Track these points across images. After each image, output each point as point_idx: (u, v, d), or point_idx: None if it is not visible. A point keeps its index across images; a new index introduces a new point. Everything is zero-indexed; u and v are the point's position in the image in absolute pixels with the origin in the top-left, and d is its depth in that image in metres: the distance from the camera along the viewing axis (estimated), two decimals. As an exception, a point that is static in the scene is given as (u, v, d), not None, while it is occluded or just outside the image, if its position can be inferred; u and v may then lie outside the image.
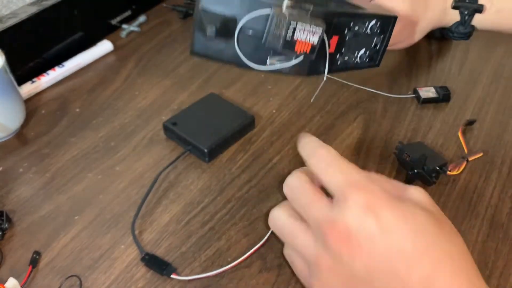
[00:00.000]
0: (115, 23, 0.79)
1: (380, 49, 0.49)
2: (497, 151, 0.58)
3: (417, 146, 0.56)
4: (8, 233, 0.49)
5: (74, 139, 0.59)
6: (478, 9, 0.58)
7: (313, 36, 0.39)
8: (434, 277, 0.30)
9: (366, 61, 0.49)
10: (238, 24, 0.39)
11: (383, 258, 0.31)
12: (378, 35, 0.47)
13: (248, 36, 0.40)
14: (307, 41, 0.39)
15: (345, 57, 0.47)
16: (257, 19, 0.39)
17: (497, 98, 0.66)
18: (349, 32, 0.45)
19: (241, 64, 0.42)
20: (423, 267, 0.30)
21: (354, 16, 0.44)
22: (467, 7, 0.58)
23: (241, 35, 0.40)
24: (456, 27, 0.60)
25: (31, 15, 0.65)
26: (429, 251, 0.31)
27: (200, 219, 0.50)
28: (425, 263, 0.30)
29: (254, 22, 0.39)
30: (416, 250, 0.30)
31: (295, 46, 0.39)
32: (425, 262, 0.30)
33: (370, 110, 0.63)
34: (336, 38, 0.44)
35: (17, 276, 0.45)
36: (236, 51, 0.41)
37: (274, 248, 0.47)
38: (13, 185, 0.54)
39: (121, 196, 0.53)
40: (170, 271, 0.45)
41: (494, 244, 0.48)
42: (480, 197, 0.53)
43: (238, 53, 0.41)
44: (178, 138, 0.58)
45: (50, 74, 0.67)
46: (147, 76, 0.70)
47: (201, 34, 0.40)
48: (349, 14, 0.44)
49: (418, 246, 0.30)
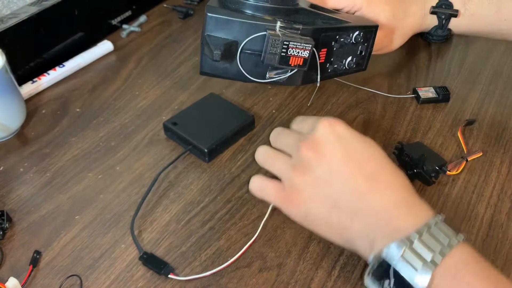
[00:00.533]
0: (115, 23, 0.79)
1: (365, 55, 0.55)
2: (496, 151, 0.58)
3: (417, 146, 0.56)
4: (8, 232, 0.49)
5: (75, 139, 0.60)
6: (454, 14, 0.63)
7: (304, 51, 0.45)
8: (379, 173, 0.41)
9: (354, 67, 0.54)
10: (239, 46, 0.45)
11: (340, 161, 0.41)
12: (362, 43, 0.53)
13: (248, 55, 0.46)
14: (300, 55, 0.45)
15: (334, 65, 0.53)
16: (255, 40, 0.45)
17: (496, 98, 0.66)
18: (335, 44, 0.51)
19: (245, 79, 0.48)
20: (370, 165, 0.41)
21: (339, 30, 0.50)
22: (444, 12, 0.63)
23: (242, 55, 0.46)
24: (435, 31, 0.66)
25: (31, 15, 0.66)
26: (374, 154, 0.42)
27: (200, 219, 0.50)
28: (371, 163, 0.41)
29: (252, 43, 0.45)
30: (365, 153, 0.42)
31: (289, 61, 0.46)
32: (371, 162, 0.42)
33: (370, 110, 0.64)
34: (325, 50, 0.50)
35: (17, 275, 0.45)
36: (239, 69, 0.47)
37: (274, 247, 0.48)
38: (14, 185, 0.54)
39: (122, 195, 0.53)
40: (168, 270, 0.45)
41: (494, 244, 0.48)
42: (480, 197, 0.53)
43: (241, 71, 0.47)
44: (178, 138, 0.58)
45: (50, 74, 0.67)
46: (148, 76, 0.70)
47: (208, 58, 0.46)
48: (334, 29, 0.50)
49: (366, 150, 0.42)
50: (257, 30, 0.45)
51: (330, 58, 0.51)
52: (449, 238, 0.37)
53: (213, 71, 0.48)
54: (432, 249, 0.36)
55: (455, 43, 0.77)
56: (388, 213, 0.39)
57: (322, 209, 0.41)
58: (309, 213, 0.42)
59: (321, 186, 0.41)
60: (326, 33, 0.49)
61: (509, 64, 0.72)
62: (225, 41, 0.45)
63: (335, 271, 0.46)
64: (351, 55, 0.53)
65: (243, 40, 0.45)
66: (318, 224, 0.43)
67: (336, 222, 0.41)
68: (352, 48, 0.52)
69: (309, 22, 0.48)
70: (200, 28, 0.47)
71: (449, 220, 0.50)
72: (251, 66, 0.46)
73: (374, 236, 0.39)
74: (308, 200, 0.42)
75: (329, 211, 0.41)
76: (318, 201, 0.42)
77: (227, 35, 0.45)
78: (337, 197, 0.41)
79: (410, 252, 0.36)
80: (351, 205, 0.40)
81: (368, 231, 0.40)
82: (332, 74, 0.54)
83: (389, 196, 0.40)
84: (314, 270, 0.46)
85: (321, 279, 0.45)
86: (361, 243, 0.40)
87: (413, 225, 0.38)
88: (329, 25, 0.50)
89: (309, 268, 0.46)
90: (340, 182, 0.41)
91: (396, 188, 0.41)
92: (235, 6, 0.45)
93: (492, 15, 0.63)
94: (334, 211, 0.41)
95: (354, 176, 0.41)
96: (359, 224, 0.40)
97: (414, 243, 0.37)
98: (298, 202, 0.42)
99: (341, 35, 0.51)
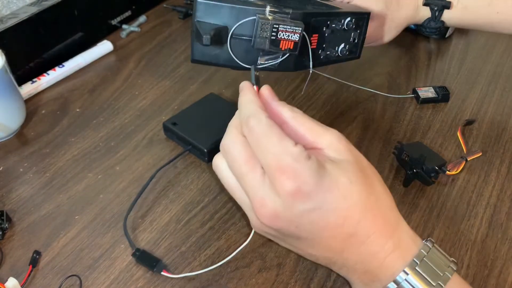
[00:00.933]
0: (115, 23, 0.79)
1: (358, 42, 0.54)
2: (496, 151, 0.58)
3: (416, 146, 0.56)
4: (8, 232, 0.49)
5: (74, 139, 0.60)
6: (446, 6, 0.63)
7: (294, 34, 0.44)
8: (362, 223, 0.36)
9: (347, 54, 0.54)
10: (230, 32, 0.45)
11: (309, 230, 0.35)
12: (355, 30, 0.53)
13: (239, 41, 0.46)
14: (290, 39, 0.44)
15: (327, 52, 0.52)
16: (245, 25, 0.45)
17: (496, 98, 0.66)
18: (327, 30, 0.50)
19: (236, 66, 0.47)
20: (348, 223, 0.35)
21: (330, 15, 0.50)
22: (437, 4, 0.63)
23: (233, 40, 0.45)
24: (428, 23, 0.65)
25: (31, 15, 0.66)
26: (354, 208, 0.36)
27: (200, 219, 0.50)
28: (352, 220, 0.35)
29: (243, 28, 0.45)
30: (342, 210, 0.35)
31: (279, 44, 0.45)
32: (352, 218, 0.35)
33: (370, 110, 0.64)
34: (316, 36, 0.50)
35: (17, 275, 0.45)
36: (230, 55, 0.46)
37: (274, 247, 0.48)
38: (14, 185, 0.54)
39: (121, 195, 0.53)
40: (161, 267, 0.45)
41: (493, 244, 0.48)
42: (479, 196, 0.53)
43: (232, 57, 0.46)
44: (178, 138, 0.58)
45: (50, 74, 0.67)
46: (147, 76, 0.70)
47: (199, 43, 0.45)
48: (325, 14, 0.50)
49: (345, 203, 0.35)
50: (247, 15, 0.44)
51: (322, 44, 0.51)
52: (440, 274, 0.36)
53: (204, 57, 0.47)
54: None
55: (455, 42, 0.77)
56: (365, 265, 0.37)
57: (291, 248, 0.40)
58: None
59: (283, 242, 0.39)
60: (316, 18, 0.49)
61: (509, 64, 0.72)
62: (215, 26, 0.45)
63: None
64: (343, 42, 0.53)
65: (233, 25, 0.45)
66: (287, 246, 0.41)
67: (312, 258, 0.40)
68: (344, 35, 0.52)
69: (299, 7, 0.48)
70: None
71: (449, 220, 0.50)
72: (242, 52, 0.46)
73: (350, 277, 0.39)
74: (272, 238, 0.40)
75: (300, 252, 0.40)
76: (286, 247, 0.40)
77: (217, 21, 0.45)
78: (307, 255, 0.39)
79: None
80: (325, 261, 0.39)
81: (344, 273, 0.39)
82: (325, 61, 0.54)
83: (366, 248, 0.37)
84: (313, 270, 0.46)
85: (321, 279, 0.45)
86: (341, 274, 0.40)
87: (396, 272, 0.36)
88: (320, 10, 0.50)
89: (309, 268, 0.46)
90: (306, 248, 0.38)
91: (376, 235, 0.36)
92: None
93: (484, 8, 0.63)
94: (307, 255, 0.40)
95: (329, 241, 0.37)
96: (336, 267, 0.39)
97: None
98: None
99: (332, 21, 0.50)
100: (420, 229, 0.50)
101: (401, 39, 0.68)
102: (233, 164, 0.37)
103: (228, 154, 0.38)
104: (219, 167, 0.39)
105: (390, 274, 0.36)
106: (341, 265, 0.38)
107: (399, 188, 0.54)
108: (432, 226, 0.50)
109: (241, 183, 0.37)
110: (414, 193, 0.53)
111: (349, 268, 0.38)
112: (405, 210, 0.51)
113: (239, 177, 0.37)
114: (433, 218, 0.51)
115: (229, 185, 0.39)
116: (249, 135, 0.37)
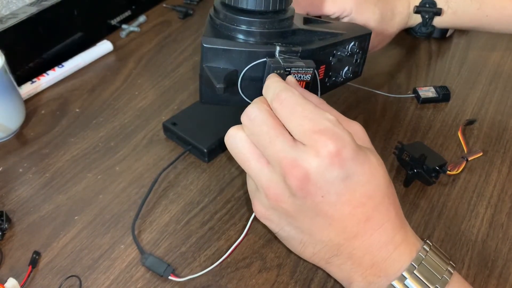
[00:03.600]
0: (115, 23, 0.79)
1: (361, 62, 0.54)
2: (497, 151, 0.58)
3: (417, 146, 0.56)
4: (8, 233, 0.49)
5: (74, 139, 0.60)
6: (437, 13, 0.64)
7: (306, 75, 0.43)
8: (380, 207, 0.36)
9: (351, 76, 0.54)
10: (239, 75, 0.44)
11: (330, 206, 0.35)
12: (358, 52, 0.53)
13: (249, 82, 0.44)
14: (302, 79, 0.43)
15: (333, 78, 0.52)
16: (255, 67, 0.44)
17: (496, 98, 0.66)
18: (333, 59, 0.50)
19: (247, 106, 0.47)
20: (361, 210, 0.35)
21: (336, 45, 0.50)
22: (428, 11, 0.64)
23: (243, 82, 0.44)
24: (419, 28, 0.66)
25: (31, 15, 0.66)
26: (378, 189, 0.36)
27: (199, 219, 0.50)
28: (365, 206, 0.35)
29: (253, 70, 0.44)
30: (362, 191, 0.35)
31: None
32: (365, 203, 0.35)
33: (370, 110, 0.63)
34: (323, 67, 0.50)
35: (17, 276, 0.45)
36: (242, 97, 0.45)
37: (274, 248, 0.47)
38: (13, 185, 0.54)
39: (121, 196, 0.53)
40: (168, 272, 0.45)
41: (494, 244, 0.48)
42: (480, 196, 0.53)
43: (244, 98, 0.45)
44: (178, 138, 0.58)
45: (50, 74, 0.67)
46: (147, 76, 0.70)
47: (208, 89, 0.44)
48: (332, 45, 0.49)
49: (364, 187, 0.35)
50: (257, 57, 0.43)
51: (329, 72, 0.51)
52: (439, 276, 0.36)
53: (214, 100, 0.47)
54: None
55: (455, 42, 0.77)
56: (373, 256, 0.37)
57: (291, 240, 0.39)
58: (277, 233, 0.40)
59: (295, 222, 0.37)
60: (324, 51, 0.48)
61: (510, 64, 0.72)
62: (225, 71, 0.44)
63: (335, 271, 0.46)
64: (347, 65, 0.53)
65: (243, 68, 0.44)
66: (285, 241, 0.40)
67: (310, 252, 0.39)
68: (348, 59, 0.52)
69: (306, 41, 0.47)
70: (200, 28, 0.47)
71: (450, 220, 0.50)
72: (252, 92, 0.45)
73: (352, 275, 0.38)
74: (276, 226, 0.39)
75: (300, 244, 0.39)
76: (289, 235, 0.39)
77: (226, 65, 0.44)
78: (314, 241, 0.38)
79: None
80: (332, 252, 0.38)
81: (347, 269, 0.38)
82: (330, 87, 0.53)
83: (377, 236, 0.37)
84: (314, 270, 0.46)
85: (321, 279, 0.45)
86: (337, 275, 0.39)
87: (398, 270, 0.36)
88: (327, 42, 0.49)
89: (309, 268, 0.46)
90: (320, 228, 0.37)
91: (388, 224, 0.37)
92: (231, 34, 0.44)
93: (474, 12, 0.63)
94: (307, 244, 0.38)
95: (338, 226, 0.36)
96: (340, 261, 0.38)
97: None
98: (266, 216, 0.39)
99: (338, 49, 0.50)
100: (420, 229, 0.49)
101: (401, 39, 0.68)
102: (260, 129, 0.36)
103: (254, 120, 0.36)
104: (235, 137, 0.38)
105: (397, 268, 0.36)
106: (347, 257, 0.37)
107: (399, 188, 0.53)
108: (432, 226, 0.50)
109: (269, 148, 0.35)
110: (414, 193, 0.53)
111: (355, 261, 0.37)
112: (405, 210, 0.51)
113: (266, 142, 0.35)
114: (434, 218, 0.51)
115: (244, 156, 0.37)
116: (281, 107, 0.36)
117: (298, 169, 0.34)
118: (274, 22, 0.44)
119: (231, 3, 0.42)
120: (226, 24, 0.43)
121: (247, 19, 0.43)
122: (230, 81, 0.44)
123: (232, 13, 0.43)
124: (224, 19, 0.43)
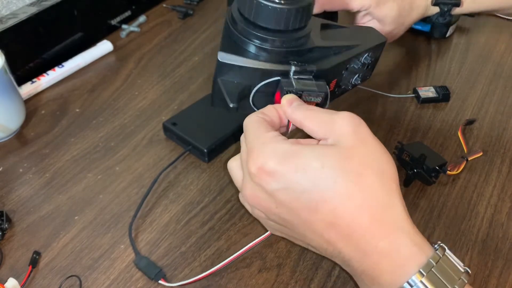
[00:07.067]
0: (115, 23, 0.79)
1: (371, 68, 0.54)
2: (497, 151, 0.58)
3: (417, 146, 0.56)
4: (8, 233, 0.49)
5: (74, 139, 0.60)
6: (457, 4, 0.63)
7: (318, 97, 0.44)
8: (339, 211, 0.34)
9: (359, 82, 0.53)
10: (252, 90, 0.44)
11: (287, 211, 0.36)
12: (370, 62, 0.52)
13: (260, 96, 0.45)
14: (313, 101, 0.44)
15: (342, 87, 0.52)
16: (269, 83, 0.44)
17: (496, 98, 0.66)
18: (345, 72, 0.50)
19: None
20: (329, 204, 0.34)
21: (350, 59, 0.49)
22: (447, 4, 0.63)
23: (255, 96, 0.45)
24: (436, 18, 0.67)
25: (31, 15, 0.65)
26: (325, 193, 0.34)
27: (199, 219, 0.50)
28: (325, 206, 0.34)
29: (266, 85, 0.44)
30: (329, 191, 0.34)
31: None
32: (325, 204, 0.34)
33: (370, 110, 0.63)
34: (335, 81, 0.50)
35: (17, 276, 0.45)
36: (253, 110, 0.45)
37: (274, 248, 0.47)
38: (13, 185, 0.54)
39: (121, 196, 0.53)
40: (159, 276, 0.44)
41: (494, 244, 0.48)
42: (480, 196, 0.53)
43: (254, 110, 0.45)
44: (177, 138, 0.58)
45: (50, 74, 0.67)
46: (147, 76, 0.70)
47: (221, 102, 0.44)
48: (346, 61, 0.49)
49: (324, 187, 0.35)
50: (270, 75, 0.43)
51: (339, 83, 0.51)
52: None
53: (226, 107, 0.46)
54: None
55: (455, 42, 0.77)
56: (360, 264, 0.35)
57: (299, 242, 0.39)
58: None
59: (289, 232, 0.39)
60: (338, 68, 0.48)
61: (510, 64, 0.72)
62: (238, 87, 0.44)
63: (335, 271, 0.46)
64: (358, 73, 0.52)
65: (256, 84, 0.44)
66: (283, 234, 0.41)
67: (312, 246, 0.38)
68: (360, 69, 0.51)
69: (322, 57, 0.47)
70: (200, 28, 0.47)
71: (450, 220, 0.50)
72: (264, 105, 0.44)
73: (357, 279, 0.37)
74: (280, 234, 0.40)
75: (305, 245, 0.39)
76: (294, 240, 0.39)
77: (240, 80, 0.44)
78: (303, 239, 0.38)
79: None
80: (327, 254, 0.37)
81: (351, 272, 0.37)
82: (339, 95, 0.53)
83: (355, 243, 0.35)
84: (314, 270, 0.46)
85: (321, 279, 0.45)
86: (348, 270, 0.38)
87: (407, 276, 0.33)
88: (342, 58, 0.49)
89: (309, 268, 0.46)
90: (304, 233, 0.37)
91: (362, 231, 0.35)
92: (247, 48, 0.43)
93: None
94: (311, 247, 0.38)
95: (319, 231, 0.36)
96: (338, 262, 0.37)
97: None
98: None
99: (351, 63, 0.50)
100: (420, 229, 0.48)
101: (401, 39, 0.67)
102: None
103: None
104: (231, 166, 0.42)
105: (389, 281, 0.34)
106: (341, 260, 0.37)
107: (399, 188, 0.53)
108: (432, 226, 0.50)
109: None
110: (414, 193, 0.53)
111: (349, 265, 0.37)
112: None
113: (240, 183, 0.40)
114: (434, 218, 0.51)
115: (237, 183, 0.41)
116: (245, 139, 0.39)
117: (246, 191, 0.38)
118: (291, 41, 0.43)
119: (250, 18, 0.42)
120: (243, 38, 0.43)
121: (265, 36, 0.42)
122: (242, 95, 0.44)
123: (250, 28, 0.42)
124: (242, 32, 0.43)
